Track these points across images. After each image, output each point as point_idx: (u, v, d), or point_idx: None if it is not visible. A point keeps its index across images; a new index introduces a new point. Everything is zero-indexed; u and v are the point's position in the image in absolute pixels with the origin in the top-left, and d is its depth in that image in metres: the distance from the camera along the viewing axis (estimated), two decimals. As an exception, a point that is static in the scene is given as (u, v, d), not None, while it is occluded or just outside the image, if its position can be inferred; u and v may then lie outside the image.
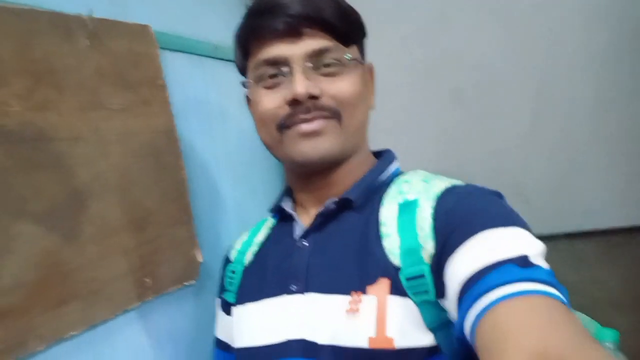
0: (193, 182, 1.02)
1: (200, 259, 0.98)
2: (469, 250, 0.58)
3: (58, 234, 0.72)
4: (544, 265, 0.55)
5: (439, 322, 0.63)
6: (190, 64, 1.08)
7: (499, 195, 0.69)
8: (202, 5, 1.16)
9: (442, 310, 0.62)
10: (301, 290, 0.73)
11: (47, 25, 0.74)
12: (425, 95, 1.30)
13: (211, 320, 0.92)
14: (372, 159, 0.83)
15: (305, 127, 0.70)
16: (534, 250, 0.56)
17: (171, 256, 0.93)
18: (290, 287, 0.74)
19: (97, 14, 0.83)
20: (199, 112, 1.09)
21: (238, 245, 0.90)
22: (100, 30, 0.83)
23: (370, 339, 0.64)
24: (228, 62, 1.16)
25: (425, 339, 0.63)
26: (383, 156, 0.82)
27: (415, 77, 1.30)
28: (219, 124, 1.16)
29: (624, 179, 1.14)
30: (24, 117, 0.69)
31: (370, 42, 0.79)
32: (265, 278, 0.79)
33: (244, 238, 0.90)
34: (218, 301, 0.90)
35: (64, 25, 0.77)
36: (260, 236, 0.87)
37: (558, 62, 1.14)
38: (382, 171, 0.79)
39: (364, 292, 0.66)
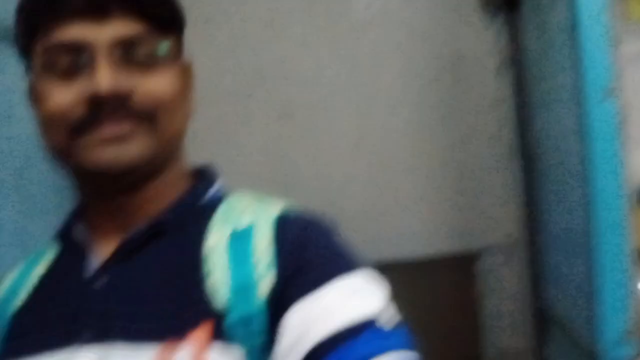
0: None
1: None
2: (318, 303, 0.55)
3: None
4: (394, 319, 0.55)
5: None
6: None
7: (334, 227, 0.64)
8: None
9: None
10: (95, 340, 0.59)
11: None
12: (252, 105, 1.28)
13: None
14: (190, 175, 0.71)
15: (109, 130, 0.57)
16: (384, 301, 0.56)
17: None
18: (81, 336, 0.60)
19: None
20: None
21: (6, 283, 0.73)
22: None
23: None
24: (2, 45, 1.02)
25: None
26: (204, 172, 0.72)
27: (243, 85, 1.27)
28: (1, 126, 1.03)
29: (435, 207, 1.22)
30: None
31: (193, 40, 0.71)
32: (46, 324, 0.64)
33: (14, 276, 0.73)
34: None
35: None
36: (41, 269, 0.71)
37: (381, 82, 1.20)
38: (203, 190, 0.68)
39: (180, 339, 0.56)
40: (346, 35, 1.20)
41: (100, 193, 0.64)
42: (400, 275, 1.33)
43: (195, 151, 0.78)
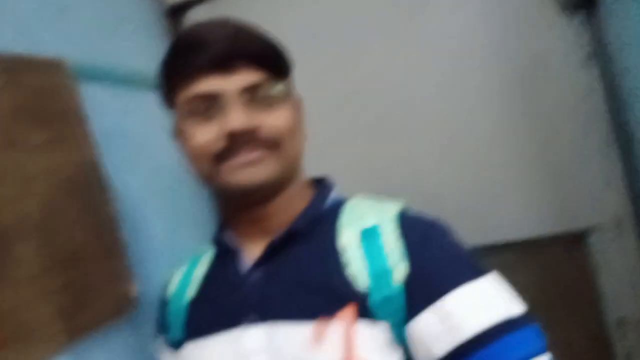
0: (122, 215, 1.00)
1: (134, 292, 0.97)
2: (453, 310, 0.62)
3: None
4: (523, 313, 0.62)
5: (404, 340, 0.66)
6: (110, 94, 1.06)
7: (450, 227, 0.72)
8: (118, 34, 1.15)
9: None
10: (260, 320, 0.71)
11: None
12: (349, 116, 1.35)
13: (149, 354, 0.91)
14: (311, 187, 0.82)
15: (244, 157, 0.69)
16: (512, 299, 0.63)
17: (104, 292, 0.91)
18: (246, 319, 0.72)
19: (12, 50, 0.81)
20: (123, 142, 1.08)
21: (175, 283, 0.87)
22: (13, 66, 0.81)
23: None
24: (148, 90, 1.16)
25: (393, 357, 0.64)
26: (322, 184, 0.83)
27: (341, 97, 1.34)
28: (144, 153, 1.15)
29: (535, 194, 1.23)
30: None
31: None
32: (214, 312, 0.77)
33: (180, 275, 0.88)
34: (158, 340, 0.87)
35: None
36: (200, 270, 0.85)
37: (466, 86, 1.23)
38: (324, 199, 0.79)
39: (329, 318, 0.66)
40: (432, 46, 1.24)
41: (241, 206, 0.76)
42: (514, 255, 1.36)
43: (308, 166, 0.87)
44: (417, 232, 0.69)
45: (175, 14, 1.39)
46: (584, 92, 1.11)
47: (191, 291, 0.83)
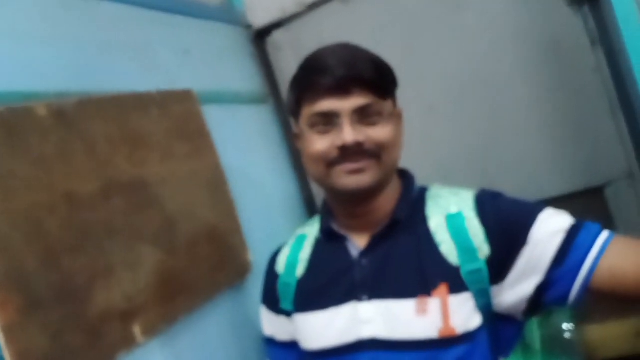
0: (238, 201, 1.32)
1: (250, 258, 1.29)
2: (540, 237, 0.79)
3: (162, 249, 1.03)
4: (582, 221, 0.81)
5: (485, 304, 0.82)
6: (222, 111, 1.39)
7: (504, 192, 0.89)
8: (222, 62, 1.48)
9: (488, 297, 0.82)
10: (369, 299, 0.86)
11: (133, 105, 1.05)
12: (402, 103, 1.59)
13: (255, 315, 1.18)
14: (398, 178, 0.95)
15: (351, 166, 0.83)
16: (567, 215, 0.82)
17: (232, 258, 1.24)
18: (359, 296, 0.87)
19: (160, 88, 1.14)
20: (233, 148, 1.41)
21: (283, 260, 1.03)
22: (164, 100, 1.14)
23: (440, 330, 0.80)
24: (243, 104, 1.48)
25: (476, 319, 0.82)
26: (406, 176, 0.96)
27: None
28: (248, 153, 1.48)
29: (559, 155, 1.43)
30: (130, 173, 1.00)
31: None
32: (327, 289, 0.92)
33: (286, 253, 1.03)
34: (264, 307, 1.07)
35: (142, 102, 1.08)
36: (306, 252, 0.99)
37: (499, 69, 1.45)
38: (412, 190, 0.93)
39: (429, 295, 0.82)
40: (468, 38, 1.47)
41: (347, 204, 0.92)
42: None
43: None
44: (488, 209, 0.85)
45: (260, 36, 1.70)
46: (594, 67, 1.31)
47: (300, 270, 0.98)
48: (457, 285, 0.82)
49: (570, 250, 0.78)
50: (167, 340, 1.01)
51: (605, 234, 0.78)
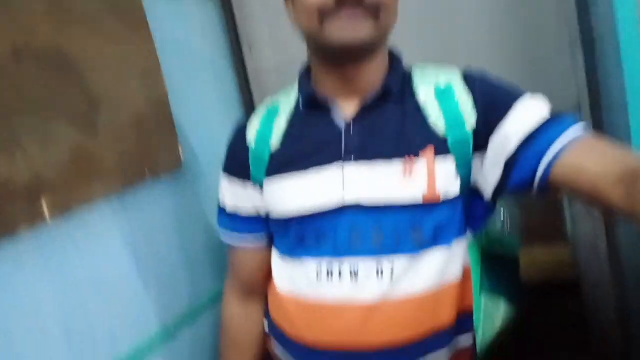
0: (172, 95, 1.26)
1: (182, 155, 1.26)
2: (517, 115, 0.80)
3: (81, 130, 0.98)
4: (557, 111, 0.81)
5: (465, 175, 0.85)
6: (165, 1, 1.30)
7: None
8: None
9: (469, 167, 0.85)
10: (358, 159, 0.85)
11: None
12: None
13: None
14: (387, 54, 0.93)
15: (347, 15, 0.78)
16: (549, 105, 0.82)
17: (162, 150, 1.19)
18: (346, 157, 0.85)
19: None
20: (174, 39, 1.33)
21: (253, 133, 0.97)
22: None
23: (424, 196, 0.82)
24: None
25: (456, 187, 0.84)
26: (394, 52, 0.94)
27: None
28: (188, 48, 1.40)
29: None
30: (51, 41, 0.93)
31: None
32: (311, 152, 0.88)
33: (256, 126, 0.97)
34: (228, 177, 1.00)
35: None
36: (280, 124, 0.94)
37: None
38: (400, 64, 0.92)
39: (416, 155, 0.83)
40: None
41: (337, 64, 0.87)
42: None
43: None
44: (477, 84, 0.86)
45: None
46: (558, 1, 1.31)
47: (275, 142, 0.93)
48: (442, 150, 0.84)
49: (541, 134, 0.78)
50: (81, 223, 0.98)
51: (579, 128, 0.78)
